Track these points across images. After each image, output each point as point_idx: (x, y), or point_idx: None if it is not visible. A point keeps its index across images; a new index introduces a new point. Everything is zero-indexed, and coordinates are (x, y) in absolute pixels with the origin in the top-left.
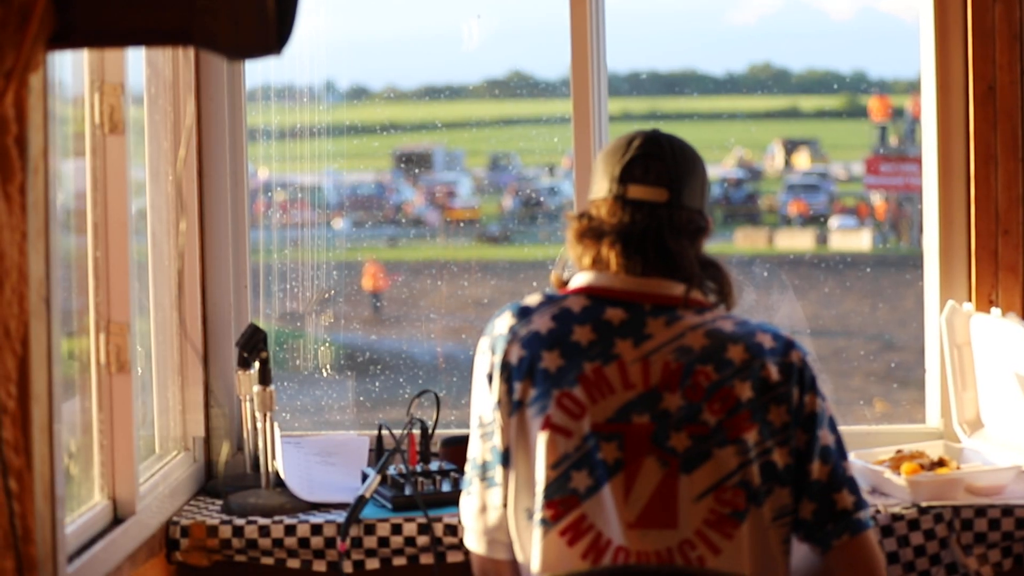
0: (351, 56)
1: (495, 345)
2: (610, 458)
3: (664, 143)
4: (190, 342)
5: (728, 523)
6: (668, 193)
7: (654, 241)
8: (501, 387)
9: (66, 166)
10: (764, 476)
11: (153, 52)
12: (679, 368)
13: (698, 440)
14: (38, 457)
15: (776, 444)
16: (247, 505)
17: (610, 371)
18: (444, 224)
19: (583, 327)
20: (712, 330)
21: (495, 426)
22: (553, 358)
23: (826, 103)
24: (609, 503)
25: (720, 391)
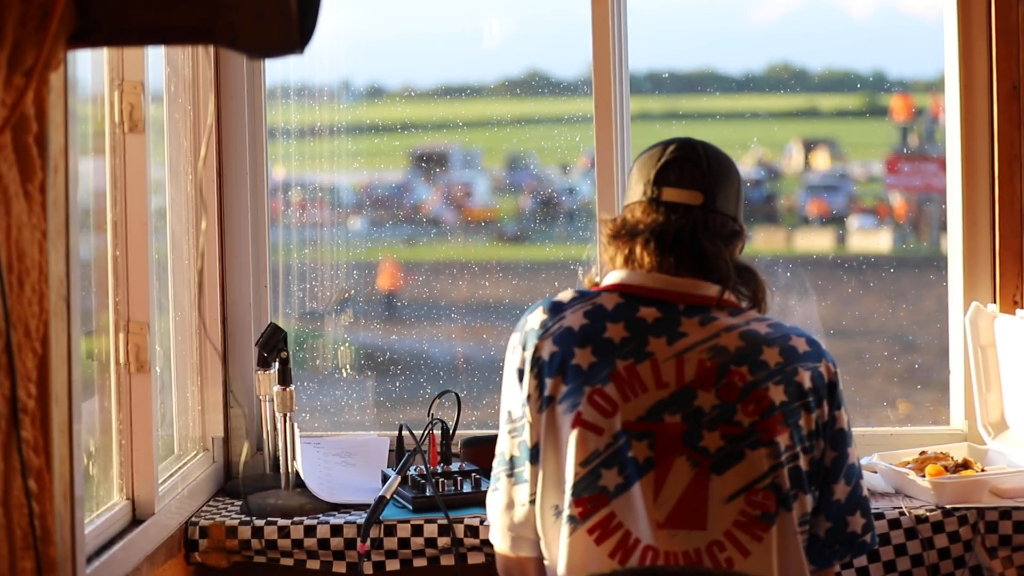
0: (368, 55)
1: (526, 340)
2: (641, 457)
3: (699, 149)
4: (210, 342)
5: (758, 525)
6: (702, 196)
7: (688, 241)
8: (532, 383)
9: (85, 165)
10: (793, 480)
11: (173, 50)
12: (713, 368)
13: (731, 441)
14: (58, 457)
15: (803, 450)
16: (267, 506)
17: (643, 369)
18: (462, 224)
19: (616, 324)
20: (747, 332)
21: (524, 422)
22: (585, 355)
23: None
24: (639, 502)
25: (754, 392)
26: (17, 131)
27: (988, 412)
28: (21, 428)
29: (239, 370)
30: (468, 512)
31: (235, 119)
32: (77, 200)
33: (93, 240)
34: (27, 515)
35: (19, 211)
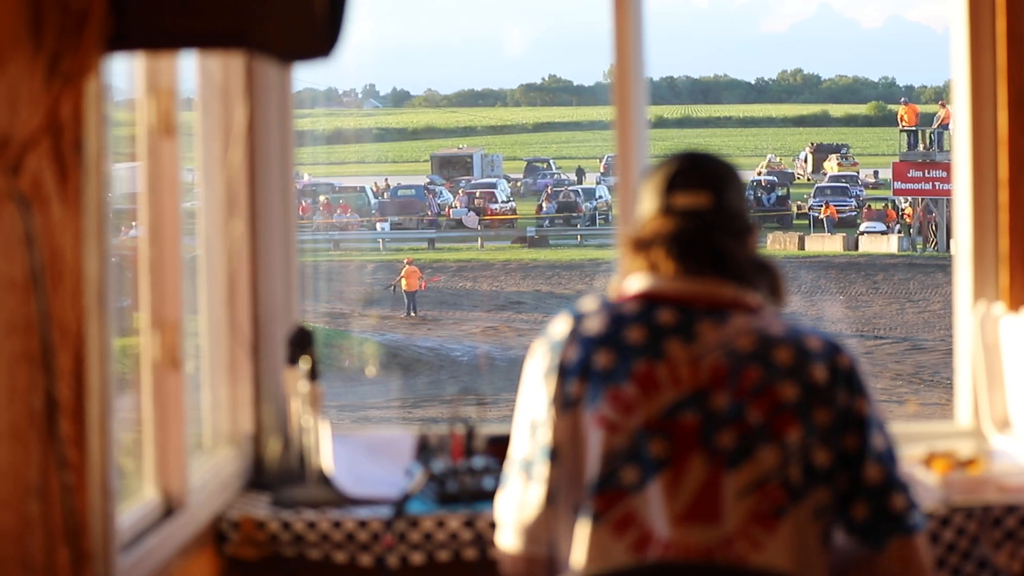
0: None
1: (553, 347)
2: (658, 454)
3: (700, 155)
4: (240, 340)
5: (770, 519)
6: (711, 196)
7: (704, 242)
8: (555, 385)
9: (120, 168)
10: (805, 475)
11: (205, 57)
12: (727, 368)
13: (743, 438)
14: (93, 452)
15: (819, 444)
16: (295, 500)
17: (661, 370)
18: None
19: (635, 328)
20: (761, 332)
21: (546, 423)
22: (606, 357)
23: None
24: (656, 498)
25: (766, 391)
26: (54, 135)
27: (994, 410)
28: (60, 424)
29: (269, 367)
30: (491, 507)
31: (265, 124)
32: (112, 202)
33: (127, 241)
34: (64, 508)
35: (56, 213)
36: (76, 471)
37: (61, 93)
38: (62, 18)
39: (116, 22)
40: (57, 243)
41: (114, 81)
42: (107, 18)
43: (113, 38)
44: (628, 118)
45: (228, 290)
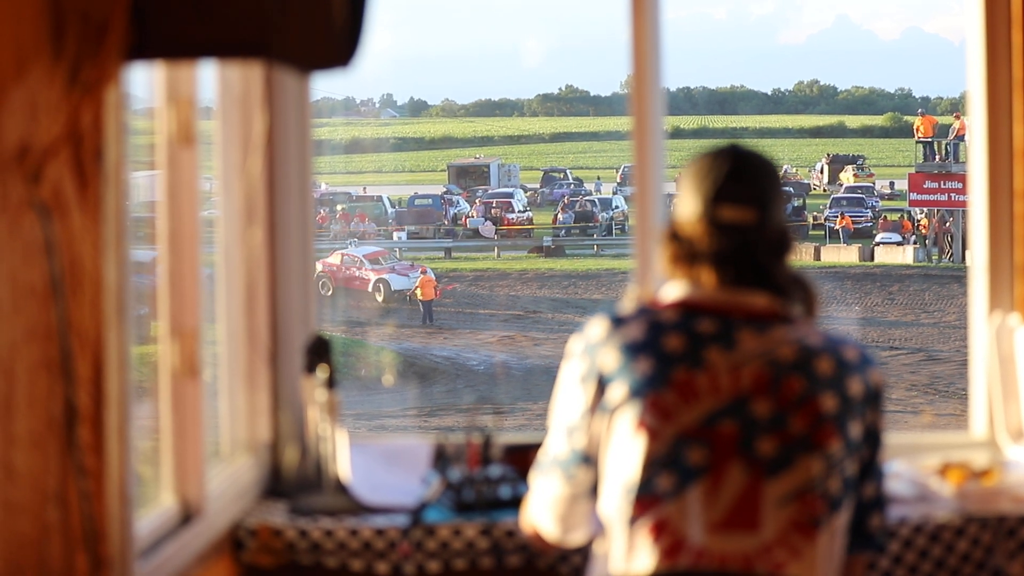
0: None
1: (589, 351)
2: (697, 461)
3: (752, 160)
4: (258, 348)
5: (809, 529)
6: (757, 213)
7: (746, 260)
8: (593, 391)
9: (139, 177)
10: (842, 486)
11: (224, 66)
12: (768, 377)
13: (784, 448)
14: (112, 459)
15: (852, 456)
16: (312, 508)
17: (700, 378)
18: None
19: (674, 335)
20: (801, 342)
21: (582, 427)
22: (645, 364)
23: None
24: (694, 505)
25: (808, 402)
26: (74, 144)
27: (1009, 421)
28: (79, 431)
29: (286, 376)
30: (508, 515)
31: (284, 133)
32: (131, 211)
33: (146, 249)
34: (83, 514)
35: (76, 221)
36: (94, 478)
37: (81, 102)
38: (83, 27)
39: (136, 31)
40: (77, 251)
41: (134, 90)
42: (127, 27)
43: (133, 47)
44: (645, 128)
45: (246, 298)
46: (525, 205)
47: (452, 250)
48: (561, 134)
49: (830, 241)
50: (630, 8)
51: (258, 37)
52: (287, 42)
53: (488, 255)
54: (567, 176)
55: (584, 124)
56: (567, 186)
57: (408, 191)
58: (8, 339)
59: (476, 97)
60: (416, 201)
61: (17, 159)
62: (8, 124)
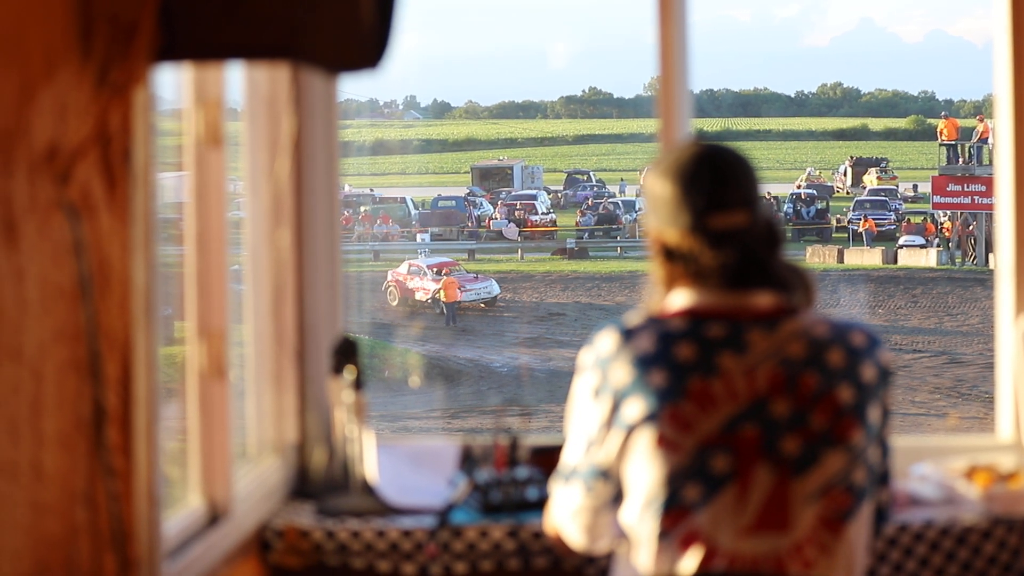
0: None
1: (600, 364)
2: (722, 469)
3: (728, 159)
4: (285, 349)
5: (838, 524)
6: (747, 213)
7: (747, 261)
8: (608, 406)
9: (167, 178)
10: (867, 475)
11: (252, 68)
12: (783, 376)
13: (808, 445)
14: (140, 459)
15: (872, 443)
16: (339, 509)
17: (716, 385)
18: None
19: (685, 344)
20: (809, 335)
21: (599, 442)
22: (659, 376)
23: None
24: (723, 512)
25: (825, 396)
26: (103, 145)
27: None
28: (107, 432)
29: (314, 377)
30: (534, 517)
31: (311, 134)
32: (159, 212)
33: (174, 250)
34: (111, 515)
35: (104, 222)
36: (122, 479)
37: (110, 103)
38: (111, 29)
39: (164, 33)
40: (105, 252)
41: (162, 91)
42: (156, 29)
43: (161, 49)
44: (672, 131)
45: (274, 299)
46: (548, 207)
47: (475, 252)
48: (585, 136)
49: (853, 244)
50: (657, 10)
51: (286, 39)
52: (315, 43)
53: (511, 257)
54: (590, 178)
55: (608, 126)
56: (590, 188)
57: (432, 193)
58: (37, 339)
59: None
60: (439, 203)
61: (46, 160)
62: (37, 125)
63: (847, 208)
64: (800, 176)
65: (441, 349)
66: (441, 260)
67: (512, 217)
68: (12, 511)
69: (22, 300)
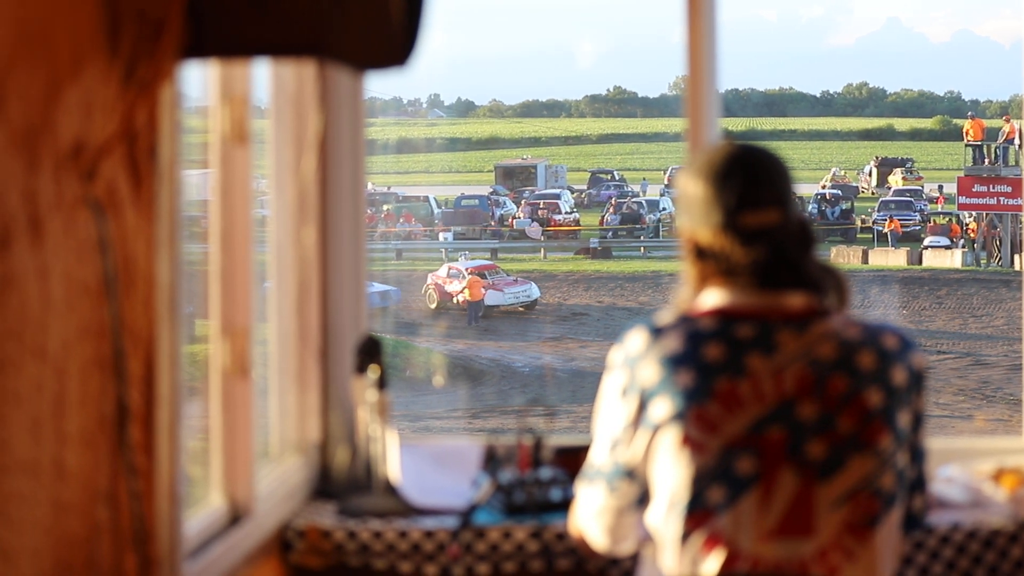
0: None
1: (629, 363)
2: (747, 471)
3: (761, 158)
4: (309, 348)
5: (864, 530)
6: (779, 211)
7: (779, 261)
8: (635, 405)
9: (192, 175)
10: (895, 481)
11: (278, 65)
12: (812, 378)
13: (834, 448)
14: (162, 458)
15: (901, 448)
16: (361, 509)
17: (743, 386)
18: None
19: (713, 344)
20: (840, 337)
21: (625, 441)
22: (686, 376)
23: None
24: (747, 515)
25: (853, 399)
26: (129, 142)
27: None
28: (130, 430)
29: (337, 376)
30: (558, 518)
31: (337, 132)
32: (184, 209)
33: (198, 248)
34: (132, 514)
35: (130, 219)
36: (144, 477)
37: (136, 100)
38: (139, 26)
39: (192, 30)
40: (130, 249)
41: (188, 88)
42: (183, 26)
43: (188, 46)
44: (700, 131)
45: (298, 298)
46: (572, 206)
47: (498, 251)
48: (609, 135)
49: (878, 244)
50: (686, 10)
51: (314, 36)
52: (343, 41)
53: (534, 256)
54: (614, 177)
55: (632, 125)
56: (614, 187)
57: (455, 191)
58: (61, 337)
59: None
60: (463, 202)
61: (72, 157)
62: (64, 122)
63: (872, 208)
64: (825, 176)
65: (463, 348)
66: (481, 263)
67: (535, 216)
68: (34, 510)
69: (46, 297)
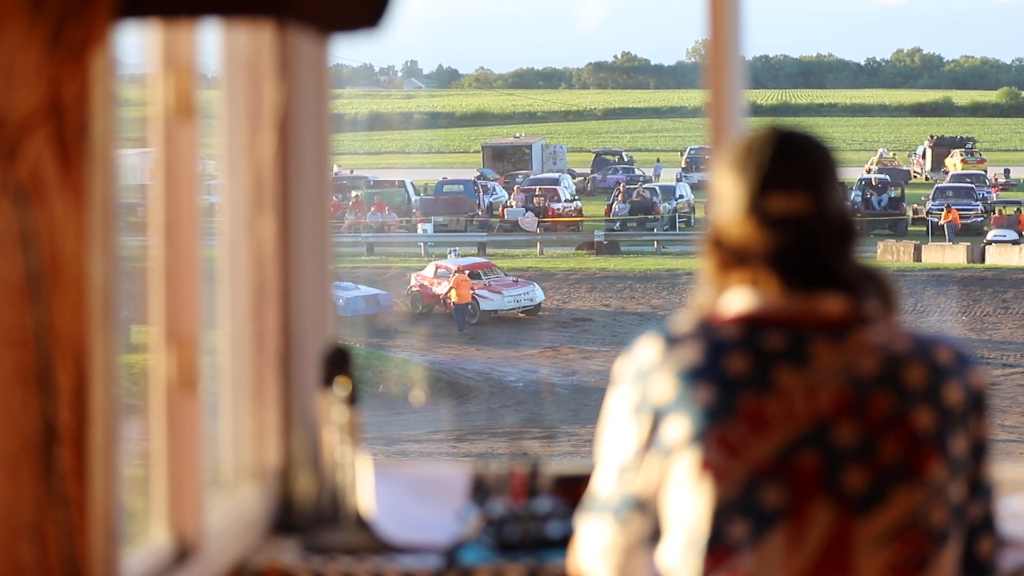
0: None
1: (640, 377)
2: (774, 503)
3: (798, 138)
4: (267, 359)
5: (912, 571)
6: (811, 197)
7: (808, 257)
8: (647, 426)
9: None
10: (949, 516)
11: (231, 28)
12: (851, 396)
13: (876, 478)
14: (96, 486)
15: (956, 479)
16: (328, 545)
17: (771, 404)
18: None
19: (738, 356)
20: (885, 349)
21: (634, 468)
22: (706, 392)
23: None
24: (774, 554)
25: (899, 421)
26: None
27: None
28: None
29: (300, 392)
30: (557, 556)
31: (299, 106)
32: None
33: (137, 241)
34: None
35: (57, 208)
36: (76, 508)
37: (63, 68)
38: None
39: None
40: (58, 243)
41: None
42: None
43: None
44: (723, 104)
45: (254, 300)
46: (573, 193)
47: (487, 245)
48: (616, 110)
49: (933, 239)
50: None
51: None
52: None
53: (529, 252)
54: (623, 159)
55: (644, 98)
56: (622, 171)
57: (436, 175)
58: None
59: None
60: (445, 187)
61: None
62: None
63: (926, 197)
64: (871, 159)
65: (446, 360)
66: (475, 261)
67: (530, 205)
68: None
69: None
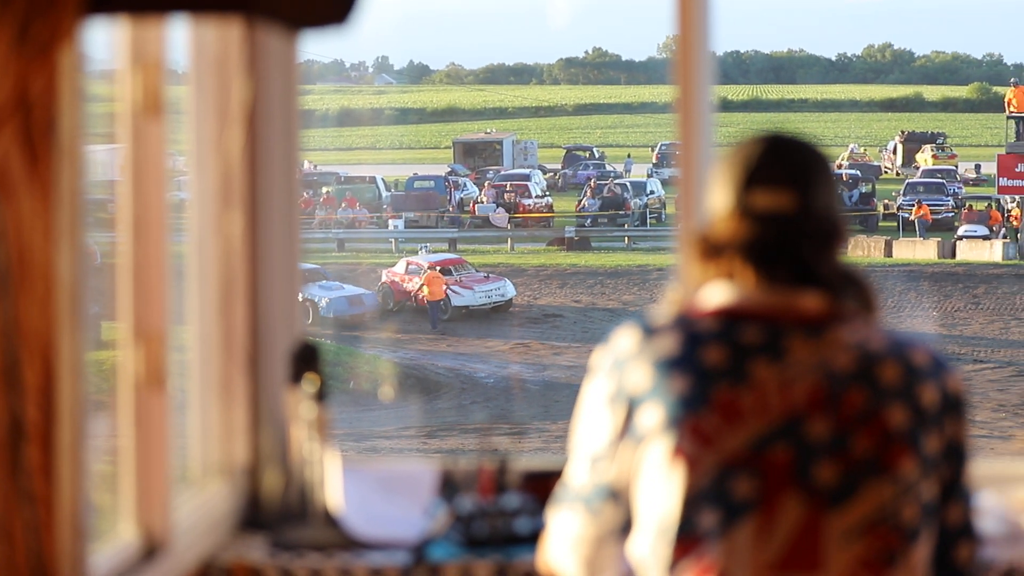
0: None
1: (617, 367)
2: (745, 494)
3: (784, 141)
4: (235, 355)
5: (881, 568)
6: (796, 195)
7: (787, 252)
8: (621, 416)
9: (98, 152)
10: (919, 513)
11: (199, 24)
12: (825, 391)
13: (847, 473)
14: (63, 483)
15: (929, 477)
16: (297, 542)
17: (745, 396)
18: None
19: (714, 348)
20: (861, 347)
21: (608, 457)
22: (681, 382)
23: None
24: (743, 545)
25: (872, 417)
26: (23, 113)
27: None
28: (23, 450)
29: (268, 388)
30: (525, 552)
31: (268, 102)
32: (88, 192)
33: (106, 237)
34: (28, 549)
35: (24, 204)
36: (43, 505)
37: (31, 64)
38: None
39: None
40: (26, 239)
41: (92, 51)
42: None
43: (93, 0)
44: (691, 99)
45: (222, 296)
46: (544, 189)
47: (457, 241)
48: (587, 105)
49: (904, 234)
50: None
51: None
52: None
53: (500, 248)
54: (594, 155)
55: (615, 94)
56: (593, 167)
57: (406, 171)
58: None
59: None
60: (415, 183)
61: None
62: None
63: (897, 192)
64: (841, 154)
65: (416, 356)
66: (446, 257)
67: (501, 201)
68: None
69: None
